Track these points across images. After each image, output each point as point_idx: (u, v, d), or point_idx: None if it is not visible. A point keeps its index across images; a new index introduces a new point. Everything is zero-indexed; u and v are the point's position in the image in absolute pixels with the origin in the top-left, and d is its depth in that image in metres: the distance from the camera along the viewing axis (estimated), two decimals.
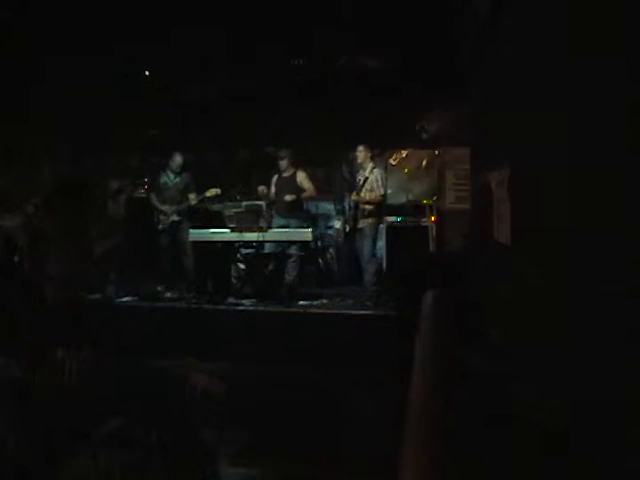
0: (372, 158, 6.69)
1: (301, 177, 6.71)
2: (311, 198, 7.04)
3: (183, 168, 7.10)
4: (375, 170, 6.48)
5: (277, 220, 6.71)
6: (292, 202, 6.60)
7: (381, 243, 7.40)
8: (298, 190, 6.68)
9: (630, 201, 1.24)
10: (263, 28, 5.95)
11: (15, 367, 2.95)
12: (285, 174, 6.72)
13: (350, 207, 6.69)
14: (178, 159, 7.02)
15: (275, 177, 6.82)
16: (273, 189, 6.83)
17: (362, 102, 7.43)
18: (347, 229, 6.74)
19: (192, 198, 6.96)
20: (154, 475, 2.56)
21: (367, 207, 6.39)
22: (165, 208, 6.99)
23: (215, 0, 5.46)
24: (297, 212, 6.76)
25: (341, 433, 3.77)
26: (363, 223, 6.39)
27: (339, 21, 5.83)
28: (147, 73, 7.28)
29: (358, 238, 6.50)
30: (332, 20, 5.80)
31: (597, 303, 1.45)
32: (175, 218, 6.97)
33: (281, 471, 3.36)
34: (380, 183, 6.39)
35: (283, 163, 6.70)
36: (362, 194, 6.44)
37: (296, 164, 6.80)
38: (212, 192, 6.88)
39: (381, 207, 6.50)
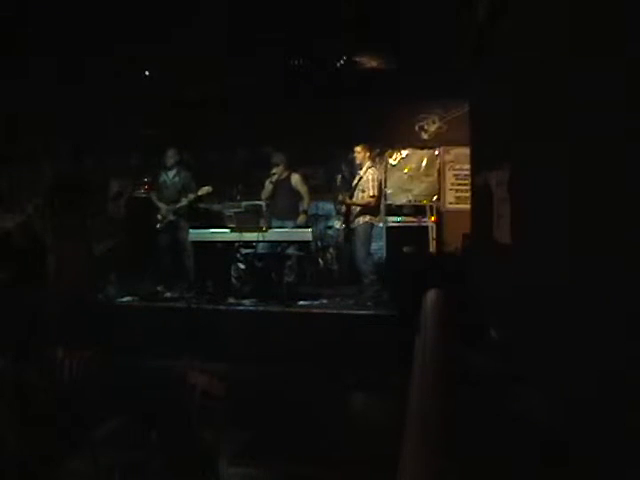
0: (371, 158, 6.64)
1: (295, 180, 6.72)
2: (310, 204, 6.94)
3: (179, 164, 7.09)
4: (369, 170, 6.37)
5: (275, 223, 6.69)
6: (288, 206, 6.63)
7: (381, 243, 7.40)
8: (293, 192, 6.70)
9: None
10: (263, 28, 5.95)
11: (16, 367, 2.95)
12: (279, 177, 6.71)
13: (340, 207, 6.66)
14: (171, 154, 7.01)
15: (267, 180, 6.76)
16: (267, 191, 6.79)
17: (362, 102, 7.43)
18: (341, 228, 6.68)
19: (190, 197, 6.96)
20: (154, 475, 2.56)
21: (358, 208, 6.34)
22: (162, 207, 7.00)
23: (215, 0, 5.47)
24: (294, 216, 6.75)
25: (341, 433, 3.77)
26: (356, 223, 6.33)
27: (339, 21, 5.84)
28: (147, 73, 7.29)
29: (352, 238, 6.47)
30: (333, 20, 5.80)
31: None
32: (172, 218, 6.97)
33: (281, 471, 3.36)
34: (372, 184, 6.24)
35: (278, 168, 6.71)
36: (355, 194, 6.40)
37: (289, 167, 6.81)
38: (204, 190, 6.92)
39: (373, 207, 6.36)
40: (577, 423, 1.48)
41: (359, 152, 6.49)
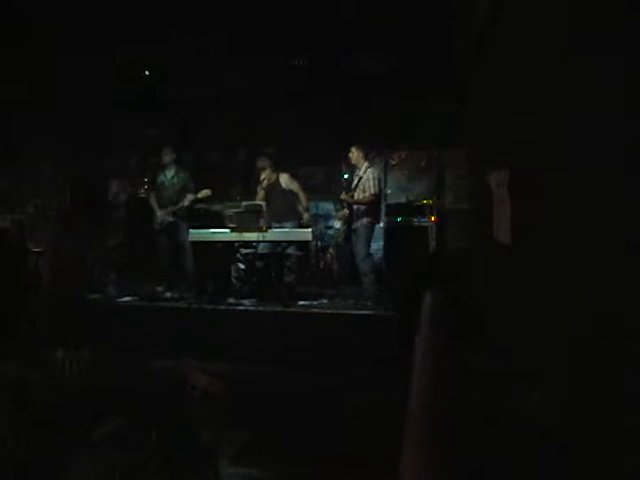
0: (366, 158, 6.64)
1: (284, 180, 6.76)
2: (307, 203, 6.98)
3: (177, 164, 7.09)
4: (369, 170, 6.41)
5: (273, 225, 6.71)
6: (284, 207, 6.66)
7: (380, 243, 7.40)
8: (285, 192, 6.73)
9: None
10: (263, 28, 5.96)
11: (15, 367, 2.95)
12: (269, 181, 6.77)
13: (342, 207, 6.69)
14: (167, 152, 7.01)
15: (259, 187, 6.87)
16: (260, 197, 6.85)
17: (362, 102, 7.44)
18: (342, 228, 6.71)
19: (189, 198, 6.96)
20: (154, 475, 2.56)
21: (360, 207, 6.36)
22: (160, 209, 6.99)
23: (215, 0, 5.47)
24: (291, 217, 6.76)
25: (341, 433, 3.77)
26: (357, 223, 6.35)
27: (339, 21, 5.84)
28: (147, 73, 7.30)
29: (353, 238, 6.48)
30: (333, 20, 5.81)
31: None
32: (170, 219, 6.96)
33: (281, 471, 3.36)
34: (372, 183, 6.30)
35: (265, 172, 6.78)
36: (355, 194, 6.42)
37: (276, 168, 6.85)
38: (204, 194, 6.94)
39: (374, 207, 6.42)
40: (577, 422, 1.48)
41: (359, 152, 6.51)
